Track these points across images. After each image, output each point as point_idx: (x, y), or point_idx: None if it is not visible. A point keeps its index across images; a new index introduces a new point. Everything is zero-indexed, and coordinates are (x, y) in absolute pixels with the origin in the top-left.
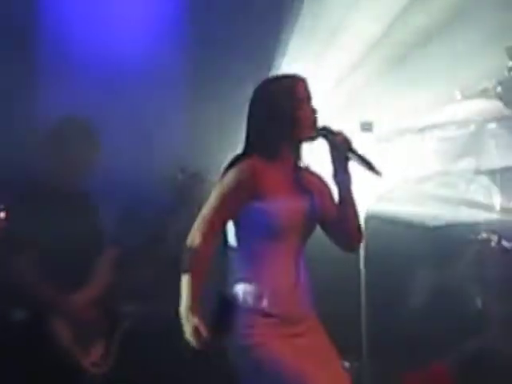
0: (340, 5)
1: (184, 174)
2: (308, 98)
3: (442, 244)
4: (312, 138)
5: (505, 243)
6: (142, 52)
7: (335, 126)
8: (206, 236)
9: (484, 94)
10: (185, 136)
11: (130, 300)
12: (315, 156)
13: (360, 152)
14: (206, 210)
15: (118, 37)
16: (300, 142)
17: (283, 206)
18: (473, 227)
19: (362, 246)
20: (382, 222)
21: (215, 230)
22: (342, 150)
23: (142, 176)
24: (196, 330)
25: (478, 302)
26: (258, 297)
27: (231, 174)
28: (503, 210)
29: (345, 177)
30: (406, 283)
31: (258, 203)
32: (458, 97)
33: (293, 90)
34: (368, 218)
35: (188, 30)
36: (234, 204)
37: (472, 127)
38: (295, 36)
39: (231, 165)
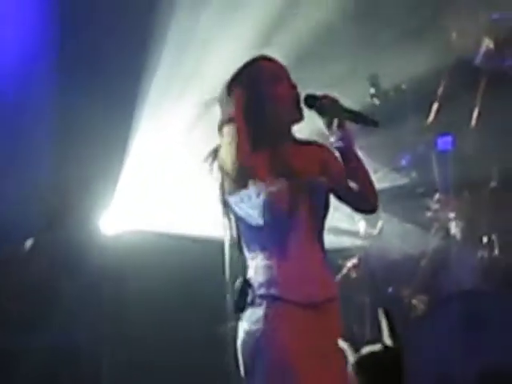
0: (203, 30)
1: (54, 196)
2: (281, 76)
3: None
4: (300, 115)
5: (370, 267)
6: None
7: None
8: None
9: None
10: (56, 159)
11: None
12: None
13: (352, 108)
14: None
15: None
16: (287, 122)
17: (269, 188)
18: (340, 253)
19: (226, 270)
20: None
21: None
22: (332, 112)
23: (11, 198)
24: None
25: (348, 326)
26: (270, 282)
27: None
28: (367, 235)
29: (344, 139)
30: None
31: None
32: None
33: (266, 70)
34: (232, 245)
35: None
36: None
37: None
38: (160, 67)
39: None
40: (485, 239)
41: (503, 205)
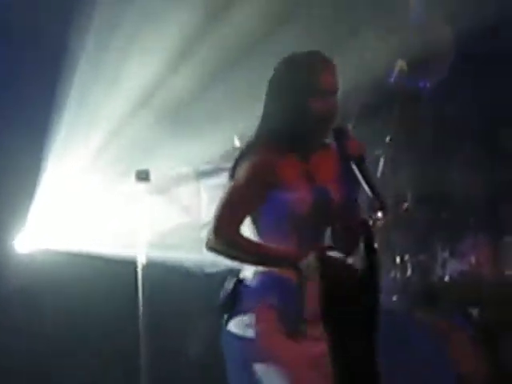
0: (113, 58)
1: None
2: (333, 89)
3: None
4: (324, 135)
5: None
6: None
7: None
8: (231, 233)
9: None
10: None
11: None
12: None
13: (368, 172)
14: (222, 208)
15: None
16: (312, 136)
17: (295, 196)
18: None
19: (139, 293)
20: (159, 269)
21: (237, 225)
22: (350, 159)
23: None
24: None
25: None
26: (271, 291)
27: (244, 168)
28: None
29: (349, 186)
30: (183, 331)
31: (272, 195)
32: (237, 143)
33: (316, 77)
34: (145, 266)
35: None
36: (250, 198)
37: None
38: (72, 92)
39: (243, 156)
40: (398, 260)
41: (416, 226)
